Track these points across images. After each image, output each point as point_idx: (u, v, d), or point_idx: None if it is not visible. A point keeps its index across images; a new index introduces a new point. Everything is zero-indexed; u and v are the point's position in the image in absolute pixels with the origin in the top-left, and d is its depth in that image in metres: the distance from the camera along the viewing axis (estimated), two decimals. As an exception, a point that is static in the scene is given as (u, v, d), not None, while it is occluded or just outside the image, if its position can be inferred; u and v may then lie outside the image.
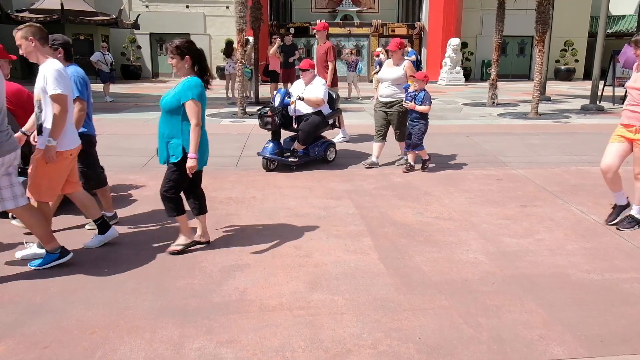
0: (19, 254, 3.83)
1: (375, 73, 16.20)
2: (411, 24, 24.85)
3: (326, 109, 6.79)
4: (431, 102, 6.48)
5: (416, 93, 6.39)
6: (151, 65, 25.78)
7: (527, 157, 7.52)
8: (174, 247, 3.94)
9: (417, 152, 6.58)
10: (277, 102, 6.59)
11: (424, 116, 6.47)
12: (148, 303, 3.13)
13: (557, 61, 25.51)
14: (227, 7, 24.16)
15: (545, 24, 11.94)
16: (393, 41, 6.70)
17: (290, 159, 6.52)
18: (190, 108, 3.63)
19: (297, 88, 6.88)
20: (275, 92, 6.85)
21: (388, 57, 7.46)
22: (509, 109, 13.27)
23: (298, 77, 7.40)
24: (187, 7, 25.07)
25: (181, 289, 3.32)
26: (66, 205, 4.48)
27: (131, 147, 7.97)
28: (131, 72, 24.31)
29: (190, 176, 3.75)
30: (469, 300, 3.17)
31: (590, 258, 3.86)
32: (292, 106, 6.56)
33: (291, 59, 13.20)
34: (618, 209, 4.64)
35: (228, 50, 16.06)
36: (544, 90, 15.12)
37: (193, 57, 3.73)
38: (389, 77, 6.63)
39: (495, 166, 6.99)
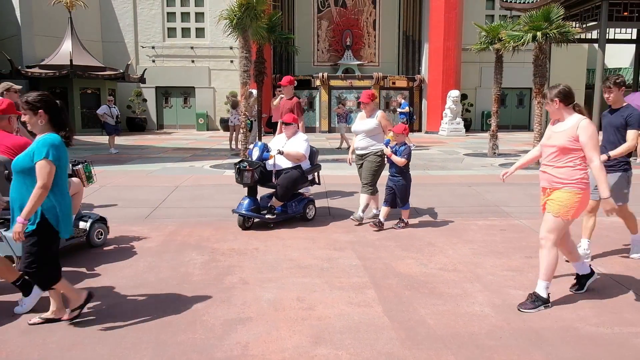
0: (17, 309, 3.77)
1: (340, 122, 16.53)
2: (411, 76, 25.43)
3: (306, 165, 6.50)
4: (410, 158, 6.21)
5: (397, 148, 6.18)
6: (156, 117, 26.26)
7: (530, 207, 7.51)
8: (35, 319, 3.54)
9: (402, 210, 6.30)
10: (255, 156, 6.30)
11: (403, 171, 6.20)
12: (148, 359, 3.06)
13: (556, 112, 25.87)
14: (232, 62, 24.83)
15: (542, 76, 12.20)
16: (365, 93, 6.54)
17: (267, 216, 6.17)
18: (40, 168, 3.20)
19: (277, 142, 6.62)
20: (252, 145, 6.59)
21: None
22: (510, 159, 13.37)
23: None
24: (193, 61, 25.80)
25: (182, 344, 3.25)
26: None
27: (135, 199, 8.01)
28: (136, 124, 24.74)
29: (18, 241, 3.24)
30: (475, 355, 3.09)
31: (598, 311, 3.79)
32: (271, 160, 6.26)
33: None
34: (582, 279, 4.14)
35: (234, 103, 16.39)
36: (544, 140, 15.27)
37: (48, 112, 3.34)
38: (362, 129, 6.47)
39: (498, 216, 6.97)
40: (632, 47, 22.37)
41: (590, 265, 4.18)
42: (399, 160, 6.10)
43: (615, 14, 14.85)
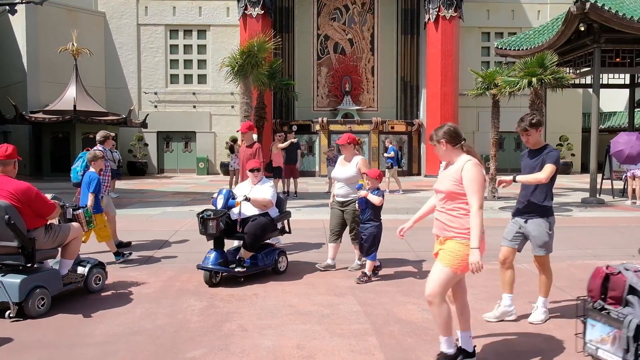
0: None
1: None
2: (410, 121, 25.76)
3: (274, 212, 6.20)
4: (384, 199, 5.92)
5: (370, 192, 5.85)
6: (157, 161, 26.44)
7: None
8: None
9: (367, 260, 5.87)
10: (219, 204, 5.85)
11: (377, 216, 5.90)
12: (142, 410, 2.97)
13: (554, 155, 26.09)
14: (232, 107, 25.21)
15: (539, 120, 12.37)
16: (343, 135, 6.28)
17: (237, 269, 5.70)
18: None
19: (242, 188, 6.32)
20: (216, 193, 6.18)
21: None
22: (510, 203, 13.36)
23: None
24: (194, 106, 26.19)
25: (178, 395, 3.16)
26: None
27: (133, 243, 7.96)
28: (137, 169, 24.88)
29: None
30: (481, 406, 3.00)
31: (605, 358, 3.70)
32: (236, 208, 5.87)
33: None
34: (461, 353, 3.53)
35: (232, 147, 16.57)
36: (543, 183, 15.32)
37: None
38: (341, 177, 6.21)
39: (499, 260, 6.90)
40: (627, 91, 22.78)
41: (474, 347, 3.61)
42: (375, 198, 5.75)
43: (607, 60, 15.18)
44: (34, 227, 4.72)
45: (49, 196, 5.02)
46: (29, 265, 4.68)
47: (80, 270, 5.25)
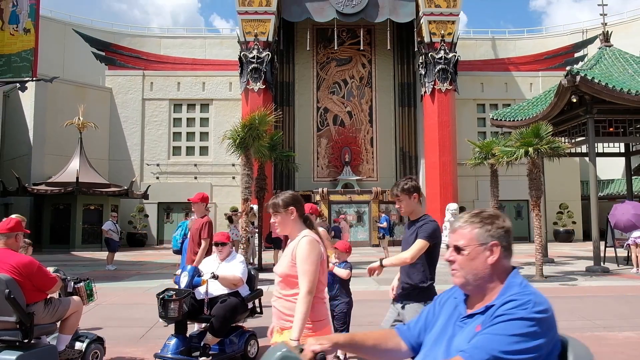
0: None
1: (333, 237, 16.58)
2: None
3: (245, 290, 5.54)
4: (351, 271, 5.40)
5: (337, 264, 5.36)
6: (157, 232, 26.36)
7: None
8: None
9: None
10: (183, 284, 5.22)
11: (346, 291, 5.37)
12: None
13: (555, 223, 26.07)
14: (233, 178, 25.47)
15: (538, 189, 12.47)
16: (308, 206, 5.72)
17: (201, 359, 5.07)
18: None
19: (209, 265, 5.59)
20: (179, 270, 5.65)
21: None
22: (513, 272, 13.20)
23: None
24: (196, 178, 26.46)
25: None
26: None
27: (130, 317, 7.78)
28: (136, 240, 24.75)
29: None
30: None
31: None
32: (202, 287, 5.24)
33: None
34: None
35: (230, 218, 16.58)
36: (546, 252, 15.23)
37: None
38: None
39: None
40: (623, 158, 23.14)
41: None
42: (342, 271, 5.26)
43: (601, 130, 15.53)
44: (34, 301, 4.63)
45: (50, 269, 4.97)
46: (25, 341, 4.56)
47: (78, 345, 5.09)
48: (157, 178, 26.26)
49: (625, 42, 23.71)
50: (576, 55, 27.88)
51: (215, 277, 5.16)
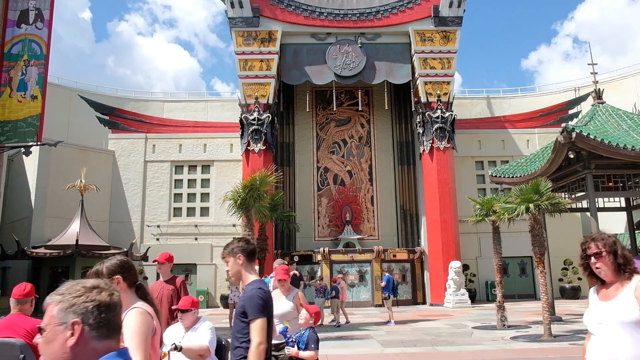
0: None
1: (331, 297, 16.28)
2: (411, 248, 25.73)
3: None
4: (318, 347, 4.81)
5: (301, 332, 4.87)
6: (156, 295, 25.89)
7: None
8: None
9: None
10: None
11: None
12: None
13: (561, 280, 25.67)
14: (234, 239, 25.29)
15: (541, 245, 12.37)
16: (280, 268, 5.45)
17: None
18: None
19: (172, 334, 5.07)
20: None
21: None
22: (521, 332, 12.86)
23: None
24: (196, 239, 26.32)
25: None
26: None
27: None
28: (135, 303, 24.28)
29: None
30: None
31: None
32: None
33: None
34: None
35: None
36: (554, 310, 14.91)
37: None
38: (275, 313, 5.28)
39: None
40: (625, 213, 23.10)
41: None
42: (308, 354, 4.70)
43: (600, 185, 15.60)
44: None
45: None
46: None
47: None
48: (157, 240, 26.12)
49: (617, 98, 24.26)
50: (570, 112, 28.47)
51: (178, 348, 4.61)
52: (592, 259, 3.02)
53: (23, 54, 10.03)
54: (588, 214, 17.32)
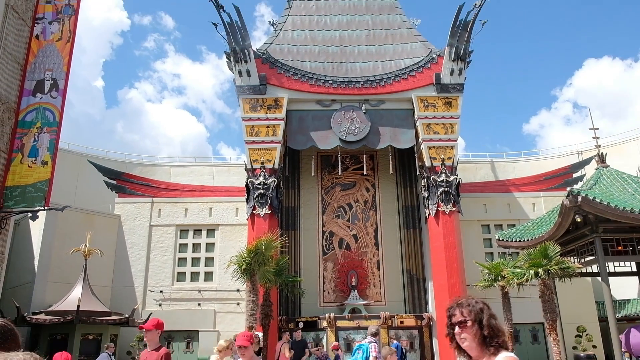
0: None
1: None
2: (419, 314, 25.10)
3: None
4: None
5: None
6: None
7: None
8: None
9: None
10: None
11: None
12: None
13: (575, 347, 24.75)
14: (238, 304, 24.86)
15: (553, 312, 12.09)
16: (242, 334, 5.40)
17: None
18: None
19: None
20: None
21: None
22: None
23: None
24: (199, 304, 25.83)
25: None
26: None
27: None
28: (134, 372, 23.52)
29: None
30: None
31: None
32: None
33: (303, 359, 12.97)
34: None
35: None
36: (569, 380, 14.32)
37: None
38: None
39: None
40: (637, 277, 22.62)
41: None
42: None
43: (610, 249, 15.39)
44: None
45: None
46: None
47: None
48: (160, 305, 25.65)
49: (620, 162, 24.41)
50: (574, 175, 28.58)
51: None
52: (457, 329, 2.60)
53: (36, 122, 10.29)
54: (599, 278, 16.99)
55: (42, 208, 10.25)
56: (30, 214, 10.61)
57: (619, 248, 15.82)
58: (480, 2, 24.62)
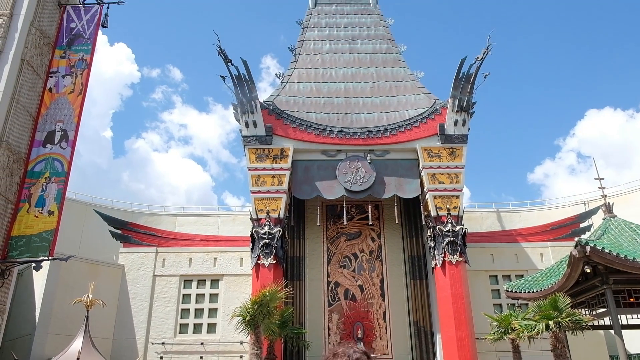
0: None
1: None
2: (427, 369, 24.36)
3: None
4: None
5: None
6: (156, 420, 24.25)
7: None
8: None
9: None
10: None
11: None
12: None
13: (590, 405, 23.80)
14: (241, 357, 24.29)
15: (565, 367, 11.69)
16: None
17: None
18: None
19: None
20: None
21: None
22: None
23: None
24: (201, 357, 25.17)
25: None
26: None
27: None
28: None
29: None
30: None
31: None
32: None
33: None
34: None
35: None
36: None
37: None
38: None
39: None
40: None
41: None
42: None
43: (622, 300, 15.04)
44: None
45: None
46: None
47: None
48: (161, 358, 25.04)
49: (627, 212, 24.21)
50: (582, 225, 28.32)
51: None
52: None
53: (45, 172, 10.43)
54: (612, 331, 16.53)
55: (46, 258, 10.22)
56: (34, 264, 10.56)
57: (631, 300, 15.46)
58: (482, 56, 25.21)
